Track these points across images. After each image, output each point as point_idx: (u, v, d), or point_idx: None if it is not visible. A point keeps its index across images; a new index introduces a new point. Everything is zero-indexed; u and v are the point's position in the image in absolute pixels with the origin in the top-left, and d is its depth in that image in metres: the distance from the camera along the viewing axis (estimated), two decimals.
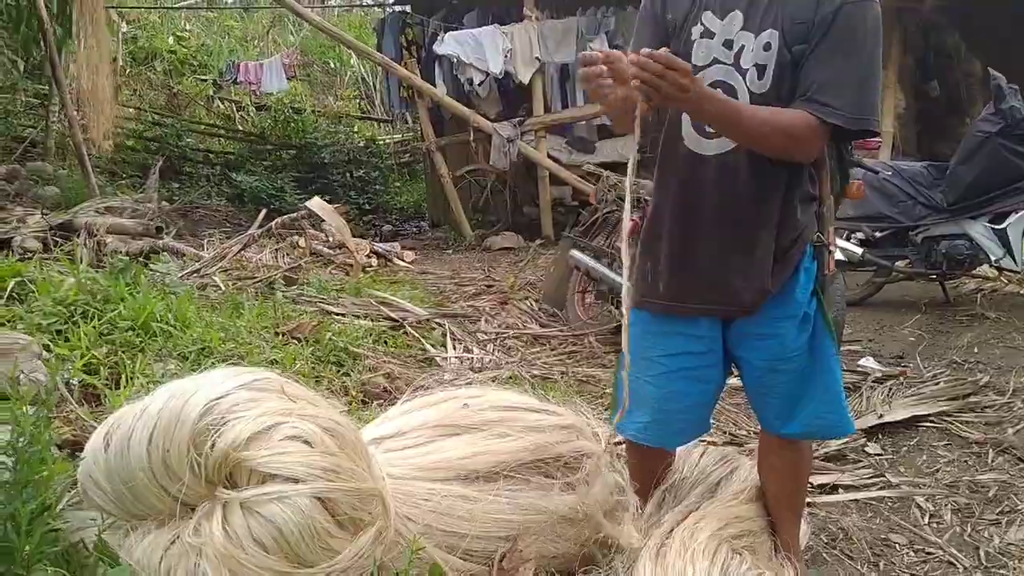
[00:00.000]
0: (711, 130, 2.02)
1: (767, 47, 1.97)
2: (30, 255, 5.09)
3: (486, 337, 5.07)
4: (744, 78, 2.00)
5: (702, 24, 2.05)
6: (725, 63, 2.02)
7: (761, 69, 1.98)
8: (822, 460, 3.32)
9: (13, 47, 9.76)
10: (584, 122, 9.70)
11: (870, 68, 1.95)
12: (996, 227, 5.68)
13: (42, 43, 8.52)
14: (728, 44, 2.02)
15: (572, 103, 9.60)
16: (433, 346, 4.68)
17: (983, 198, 5.68)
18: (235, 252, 5.98)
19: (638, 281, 2.20)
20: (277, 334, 4.25)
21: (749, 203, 2.03)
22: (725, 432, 3.59)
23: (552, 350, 5.08)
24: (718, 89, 1.97)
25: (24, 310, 3.41)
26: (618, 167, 6.71)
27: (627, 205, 1.87)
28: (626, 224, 1.91)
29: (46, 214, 6.02)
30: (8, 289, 3.64)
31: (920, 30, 8.81)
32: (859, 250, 5.92)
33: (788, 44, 1.95)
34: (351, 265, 6.78)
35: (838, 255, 3.99)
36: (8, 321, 3.27)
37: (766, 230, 2.04)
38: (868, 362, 4.72)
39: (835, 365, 2.16)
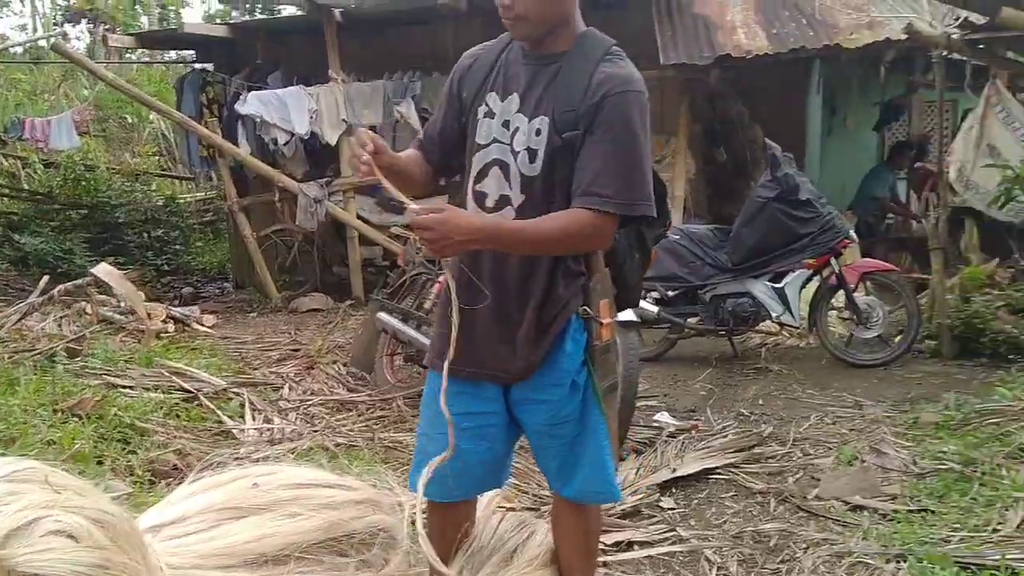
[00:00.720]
0: (490, 205, 2.11)
1: (538, 132, 2.07)
2: None
3: (288, 405, 4.93)
4: (516, 160, 2.09)
5: (486, 104, 2.16)
6: (502, 142, 2.12)
7: (532, 153, 2.08)
8: (618, 517, 3.41)
9: None
10: None
11: (638, 154, 2.04)
12: (775, 286, 6.12)
13: None
14: (506, 125, 2.11)
15: None
16: (231, 417, 4.49)
17: (763, 259, 6.11)
18: (13, 322, 5.53)
19: (434, 344, 2.30)
20: (56, 411, 3.96)
21: (516, 278, 2.12)
22: (529, 494, 3.63)
23: (359, 415, 4.99)
24: (495, 168, 2.08)
25: None
26: None
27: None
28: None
29: None
30: None
31: (707, 100, 9.45)
32: (654, 308, 6.21)
33: (559, 131, 2.05)
34: (142, 331, 6.43)
35: (630, 316, 4.17)
36: None
37: (530, 304, 2.12)
38: (663, 417, 4.92)
39: (603, 435, 2.23)
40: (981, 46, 6.36)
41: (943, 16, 6.67)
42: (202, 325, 7.58)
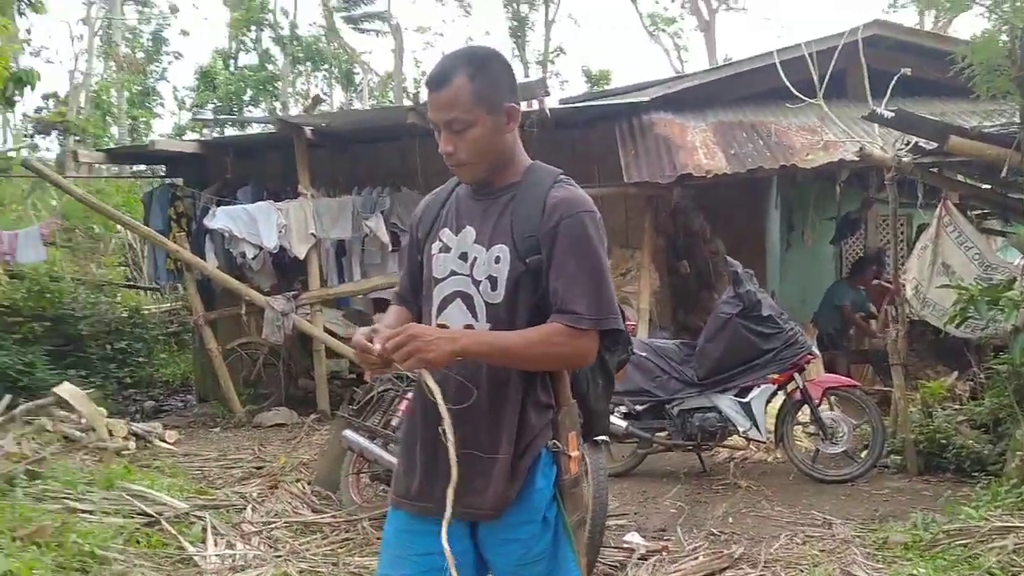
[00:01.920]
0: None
1: (498, 260, 2.12)
2: None
3: (252, 529, 4.82)
4: (478, 288, 2.14)
5: (439, 240, 2.22)
6: (461, 274, 2.16)
7: (493, 281, 2.12)
8: None
9: None
10: (361, 296, 9.78)
11: (600, 270, 2.11)
12: (742, 400, 6.17)
13: None
14: (463, 256, 2.17)
15: (348, 277, 9.68)
16: (192, 543, 4.38)
17: (729, 373, 6.17)
18: None
19: (396, 478, 2.27)
20: (14, 539, 3.85)
21: (484, 411, 2.12)
22: None
23: (324, 538, 4.90)
24: (457, 299, 2.12)
25: None
26: None
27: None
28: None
29: None
30: None
31: (670, 215, 9.69)
32: (623, 423, 6.22)
33: (521, 256, 2.10)
34: (103, 449, 6.32)
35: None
36: None
37: (500, 438, 2.12)
38: (634, 537, 4.87)
39: (573, 570, 2.20)
40: (933, 169, 6.62)
41: (895, 141, 6.96)
42: (164, 442, 7.45)
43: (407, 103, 25.77)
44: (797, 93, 7.54)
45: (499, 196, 2.18)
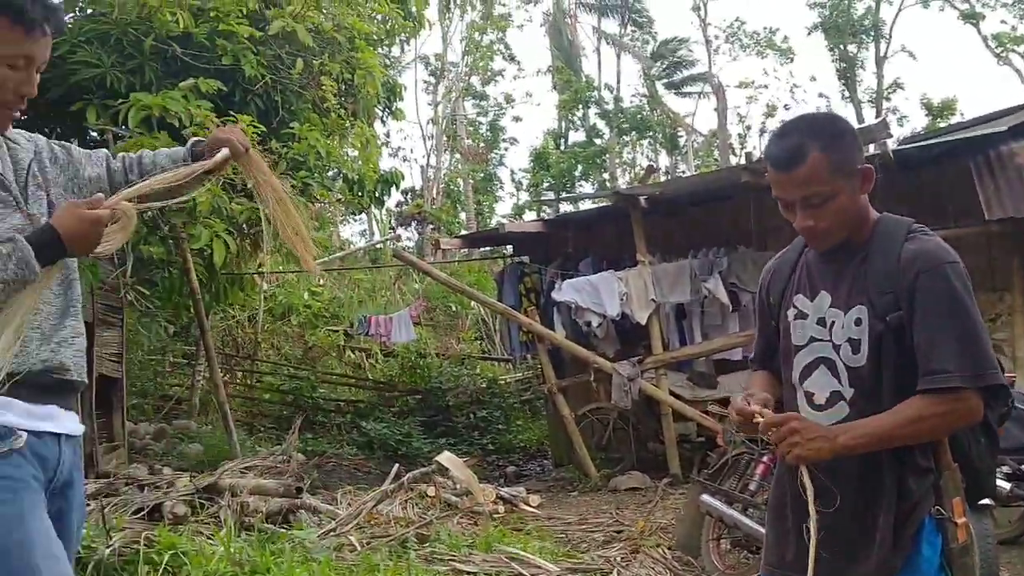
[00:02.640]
0: (820, 402, 2.12)
1: (858, 322, 2.08)
2: (180, 520, 5.36)
3: None
4: (839, 353, 2.11)
5: (794, 306, 2.22)
6: (821, 340, 2.15)
7: (855, 344, 2.08)
8: None
9: (165, 314, 10.68)
10: (704, 358, 9.78)
11: (969, 323, 2.00)
12: None
13: (191, 308, 9.28)
14: (821, 322, 2.15)
15: (690, 340, 9.74)
16: None
17: None
18: (368, 508, 6.12)
19: (767, 547, 2.27)
20: None
21: (857, 478, 2.07)
22: None
23: None
24: (820, 365, 2.10)
25: None
26: None
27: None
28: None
29: (193, 477, 6.37)
30: (163, 563, 3.84)
31: None
32: (1007, 485, 5.62)
33: (880, 315, 2.05)
34: (478, 513, 6.83)
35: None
36: None
37: (877, 506, 2.06)
38: None
39: None
40: None
41: None
42: (528, 505, 7.88)
43: (734, 160, 25.66)
44: None
45: (851, 256, 2.15)
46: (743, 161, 9.18)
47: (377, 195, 9.60)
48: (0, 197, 2.05)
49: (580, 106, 29.54)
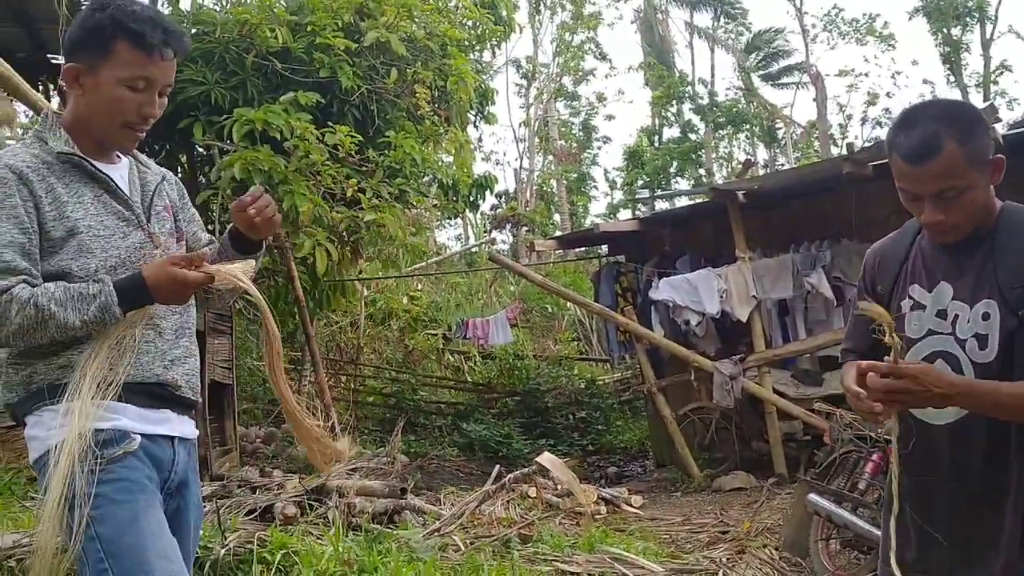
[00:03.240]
0: None
1: (986, 316, 1.98)
2: (290, 520, 5.52)
3: None
4: (964, 348, 2.01)
5: (910, 297, 2.11)
6: (941, 333, 2.05)
7: (982, 339, 1.98)
8: None
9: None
10: (808, 355, 9.54)
11: None
12: None
13: (297, 315, 9.53)
14: (942, 314, 2.05)
15: (793, 336, 9.52)
16: None
17: None
18: (471, 509, 6.19)
19: (884, 543, 2.17)
20: None
21: (984, 472, 1.98)
22: None
23: None
24: (939, 359, 2.01)
25: None
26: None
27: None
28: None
29: (302, 479, 6.54)
30: (276, 562, 3.96)
31: None
32: None
33: (1012, 309, 1.95)
34: (580, 514, 6.83)
35: None
36: None
37: (1006, 499, 1.97)
38: None
39: None
40: None
41: None
42: (630, 506, 7.83)
43: (835, 151, 24.99)
44: None
45: (975, 247, 2.04)
46: (844, 152, 8.88)
47: (471, 199, 9.71)
48: (124, 216, 2.14)
49: (674, 102, 29.23)
